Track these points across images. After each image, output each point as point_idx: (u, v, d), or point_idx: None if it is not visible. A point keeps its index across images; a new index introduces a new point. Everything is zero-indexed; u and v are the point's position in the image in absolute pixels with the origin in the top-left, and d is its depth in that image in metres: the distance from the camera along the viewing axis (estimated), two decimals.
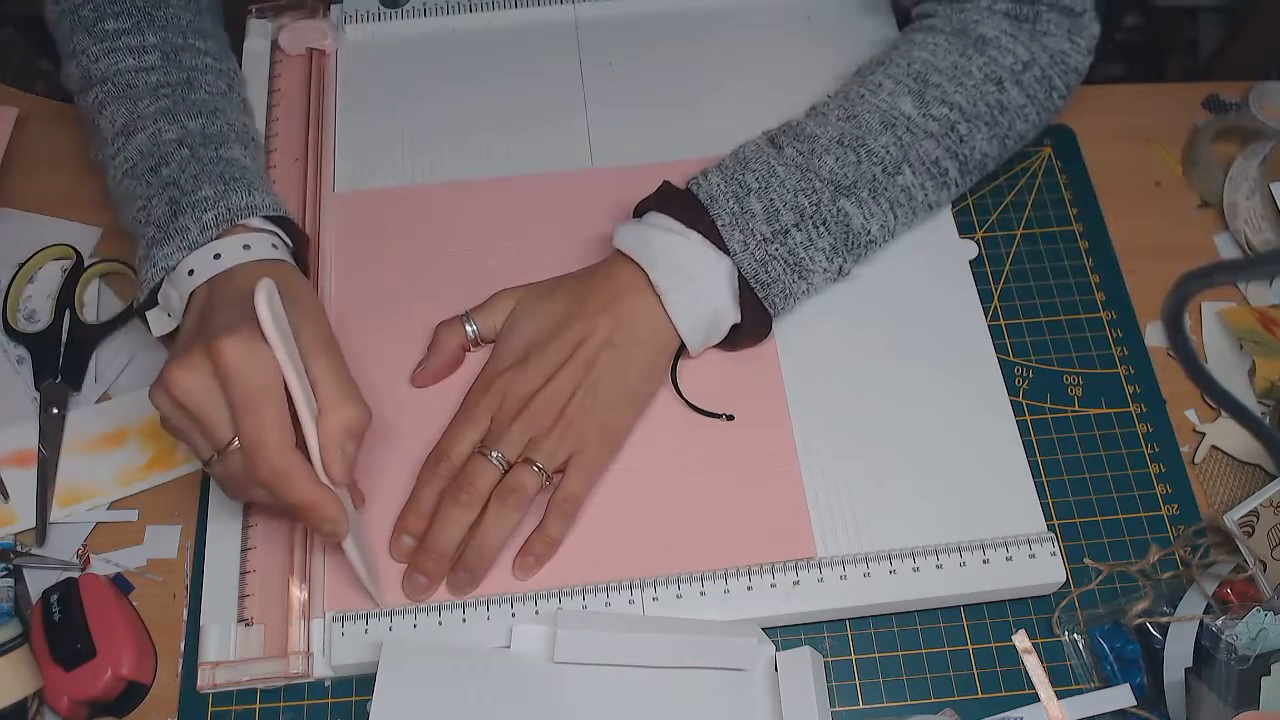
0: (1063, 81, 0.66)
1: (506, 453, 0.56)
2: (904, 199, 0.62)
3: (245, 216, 0.57)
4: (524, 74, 0.74)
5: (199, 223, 0.56)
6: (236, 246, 0.55)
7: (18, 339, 0.66)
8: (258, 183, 0.60)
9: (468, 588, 0.56)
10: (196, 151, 0.59)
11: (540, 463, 0.56)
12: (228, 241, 0.55)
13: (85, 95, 0.62)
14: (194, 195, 0.57)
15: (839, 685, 0.57)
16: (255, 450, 0.48)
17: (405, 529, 0.57)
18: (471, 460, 0.57)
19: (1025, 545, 0.58)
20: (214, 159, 0.59)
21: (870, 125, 0.62)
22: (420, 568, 0.56)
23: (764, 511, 0.59)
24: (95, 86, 0.61)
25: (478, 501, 0.56)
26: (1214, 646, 0.53)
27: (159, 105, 0.60)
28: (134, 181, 0.59)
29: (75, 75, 0.63)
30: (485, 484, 0.56)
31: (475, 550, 0.56)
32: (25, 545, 0.60)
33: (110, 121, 0.61)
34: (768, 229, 0.60)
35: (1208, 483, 0.62)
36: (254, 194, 0.58)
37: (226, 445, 0.50)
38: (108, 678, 0.54)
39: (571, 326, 0.59)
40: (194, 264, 0.55)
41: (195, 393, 0.49)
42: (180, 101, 0.61)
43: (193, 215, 0.56)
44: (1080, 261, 0.69)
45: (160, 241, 0.56)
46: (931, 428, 0.61)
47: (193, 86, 0.62)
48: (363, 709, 0.56)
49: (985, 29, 0.64)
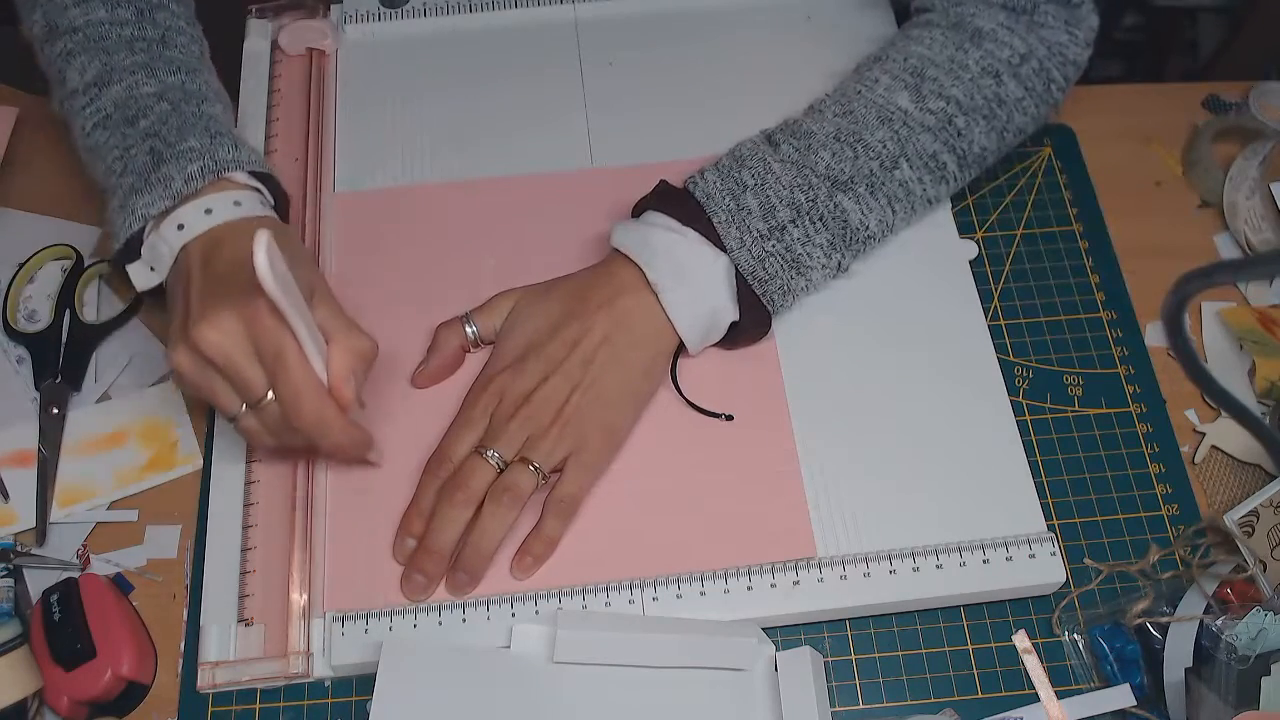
0: (1061, 74, 0.65)
1: (503, 452, 0.56)
2: (902, 194, 0.62)
3: (232, 170, 0.57)
4: (524, 74, 0.74)
5: (184, 173, 0.55)
6: (228, 203, 0.55)
7: (18, 339, 0.66)
8: (242, 139, 0.60)
9: (467, 588, 0.56)
10: (178, 106, 0.59)
11: (537, 462, 0.56)
12: (218, 197, 0.56)
13: (52, 44, 0.61)
14: (178, 146, 0.56)
15: (839, 685, 0.57)
16: (296, 401, 0.51)
17: (409, 531, 0.57)
18: (468, 460, 0.57)
19: (1025, 545, 0.58)
20: (196, 114, 0.59)
21: (867, 120, 0.62)
22: (418, 567, 0.56)
23: (764, 511, 0.59)
24: (64, 36, 0.60)
25: (473, 501, 0.56)
26: (1214, 646, 0.53)
27: (135, 59, 0.60)
28: (107, 133, 0.58)
29: (40, 24, 0.61)
30: (480, 483, 0.56)
31: (472, 549, 0.56)
32: (25, 545, 0.60)
33: (80, 72, 0.59)
34: (764, 225, 0.60)
35: (1208, 483, 0.62)
36: (240, 149, 0.58)
37: (260, 399, 0.52)
38: (108, 678, 0.54)
39: (569, 326, 0.59)
40: (184, 218, 0.55)
41: (228, 349, 0.50)
42: (157, 57, 0.60)
43: (177, 165, 0.56)
44: (1080, 261, 0.69)
45: (140, 190, 0.56)
46: (931, 428, 0.61)
47: (168, 45, 0.62)
48: (363, 709, 0.56)
49: (982, 22, 0.64)
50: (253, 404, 0.52)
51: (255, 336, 0.50)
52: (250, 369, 0.51)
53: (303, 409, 0.51)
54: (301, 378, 0.51)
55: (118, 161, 0.57)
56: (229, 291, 0.51)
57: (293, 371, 0.50)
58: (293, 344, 0.50)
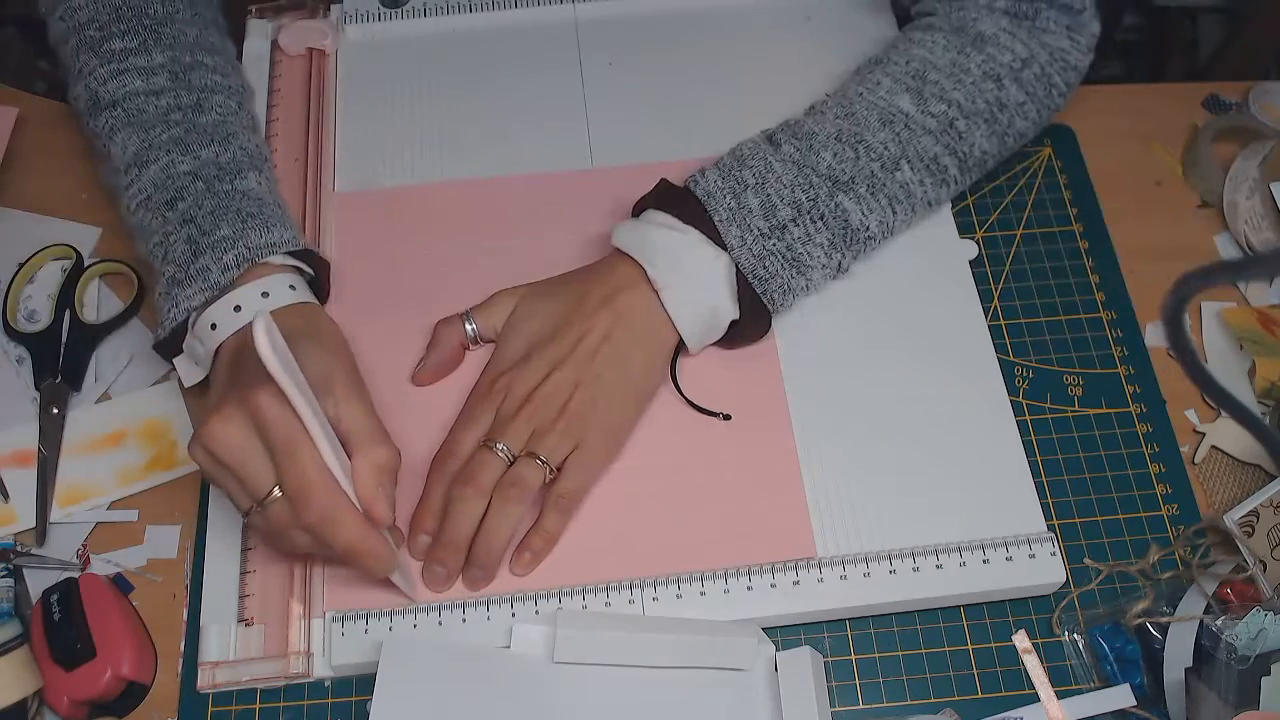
0: (1062, 79, 0.66)
1: (511, 445, 0.57)
2: (903, 195, 0.62)
3: (265, 255, 0.57)
4: (524, 74, 0.74)
5: (219, 263, 0.56)
6: (254, 295, 0.56)
7: (18, 339, 0.66)
8: (274, 215, 0.60)
9: (481, 583, 0.57)
10: (211, 185, 0.60)
11: (543, 456, 0.56)
12: (245, 290, 0.56)
13: (95, 119, 0.62)
14: (213, 235, 0.57)
15: (839, 685, 0.57)
16: (301, 494, 0.48)
17: (421, 528, 0.57)
18: (476, 453, 0.57)
19: (1025, 545, 0.58)
20: (229, 193, 0.60)
21: (868, 122, 0.62)
22: (438, 559, 0.56)
23: (764, 511, 0.59)
24: (105, 111, 0.61)
25: (483, 494, 0.56)
26: (1214, 646, 0.53)
27: (171, 134, 0.61)
28: (149, 214, 0.59)
29: (83, 97, 0.63)
30: (490, 476, 0.56)
31: (483, 546, 0.56)
32: (25, 545, 0.60)
33: (122, 149, 0.61)
34: (765, 224, 0.60)
35: (1208, 483, 0.62)
36: (271, 230, 0.59)
37: (267, 495, 0.49)
38: (108, 678, 0.54)
39: (572, 324, 0.59)
40: (215, 317, 0.55)
41: (233, 444, 0.49)
42: (191, 128, 0.61)
43: (212, 256, 0.57)
44: (1080, 261, 0.69)
45: (182, 282, 0.56)
46: (931, 427, 0.61)
47: (202, 109, 0.62)
48: (363, 709, 0.56)
49: (984, 26, 0.64)
50: (259, 499, 0.50)
51: (262, 427, 0.48)
52: (255, 461, 0.49)
53: (311, 500, 0.48)
54: (310, 467, 0.48)
55: (158, 248, 0.59)
56: (240, 384, 0.50)
57: (300, 461, 0.48)
58: (302, 433, 0.48)
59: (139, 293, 0.67)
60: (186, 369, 0.58)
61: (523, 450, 0.57)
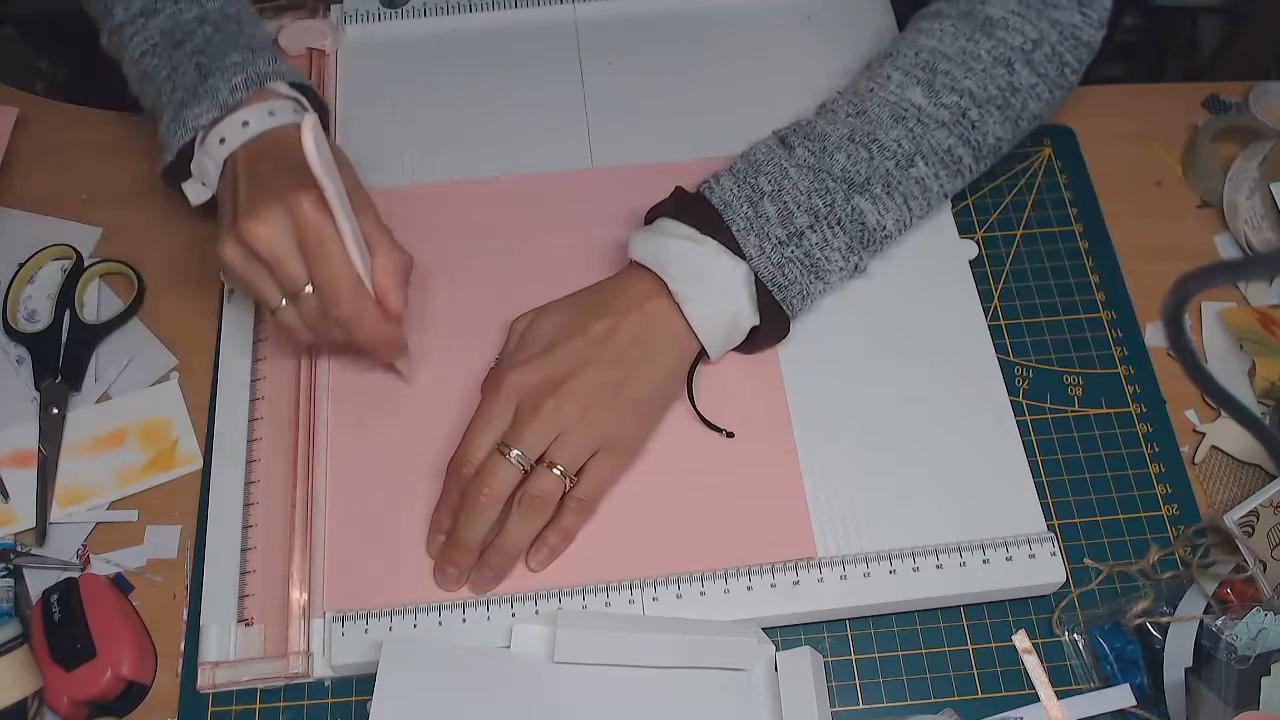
0: (1074, 56, 0.64)
1: (528, 450, 0.55)
2: (918, 191, 0.62)
3: (272, 81, 0.60)
4: (524, 74, 0.74)
5: (228, 84, 0.59)
6: (262, 113, 0.58)
7: (18, 339, 0.66)
8: (279, 55, 0.63)
9: (490, 585, 0.57)
10: (220, 27, 0.62)
11: (563, 464, 0.55)
12: (253, 109, 0.58)
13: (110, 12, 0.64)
14: (221, 61, 0.60)
15: (839, 685, 0.57)
16: (334, 290, 0.53)
17: (439, 527, 0.57)
18: (488, 460, 0.56)
19: (1025, 545, 0.58)
20: (236, 33, 0.63)
21: (881, 119, 0.62)
22: (450, 560, 0.56)
23: (764, 511, 0.59)
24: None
25: (496, 502, 0.55)
26: (1214, 646, 0.53)
27: None
28: (156, 59, 0.62)
29: None
30: (503, 484, 0.55)
31: (499, 551, 0.56)
32: (25, 545, 0.60)
33: (125, 6, 0.63)
34: (783, 232, 0.59)
35: (1208, 483, 0.62)
36: (279, 61, 0.62)
37: (299, 290, 0.54)
38: (108, 678, 0.54)
39: (598, 321, 0.58)
40: (224, 132, 0.58)
41: (272, 241, 0.53)
42: None
43: (222, 77, 0.59)
44: (1080, 261, 0.69)
45: (189, 104, 0.59)
46: (932, 428, 0.61)
47: None
48: (363, 709, 0.56)
49: (992, 10, 0.63)
50: (292, 295, 0.55)
51: (299, 227, 0.53)
52: (292, 260, 0.53)
53: (340, 297, 0.53)
54: (340, 266, 0.53)
55: (166, 81, 0.61)
56: (275, 187, 0.53)
57: (332, 261, 0.53)
58: (334, 235, 0.53)
59: (139, 293, 0.67)
60: (194, 190, 0.61)
61: (543, 456, 0.55)
